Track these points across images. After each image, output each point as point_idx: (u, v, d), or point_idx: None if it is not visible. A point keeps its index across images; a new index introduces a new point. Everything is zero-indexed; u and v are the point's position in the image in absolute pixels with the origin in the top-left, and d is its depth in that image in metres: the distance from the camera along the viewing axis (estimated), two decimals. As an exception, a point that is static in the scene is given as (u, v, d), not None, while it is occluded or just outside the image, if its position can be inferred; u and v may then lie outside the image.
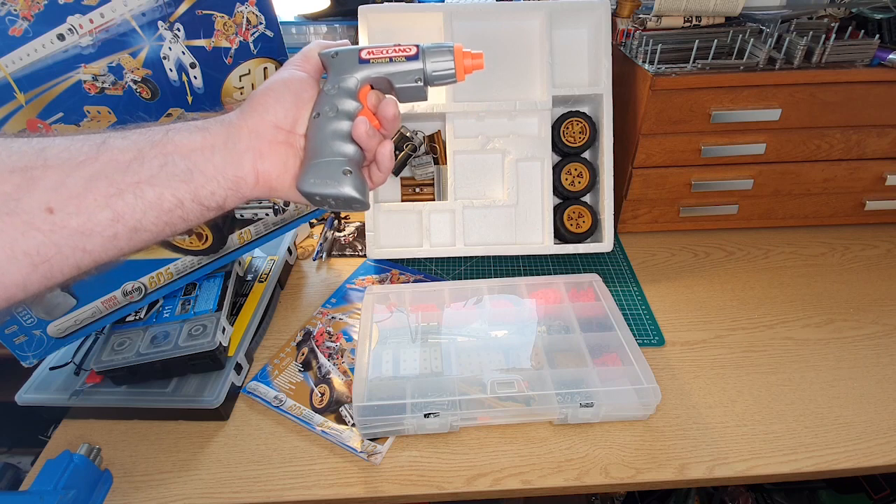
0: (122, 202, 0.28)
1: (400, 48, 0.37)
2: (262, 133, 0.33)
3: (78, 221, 0.27)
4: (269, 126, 0.33)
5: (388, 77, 0.37)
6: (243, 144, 0.32)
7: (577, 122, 0.82)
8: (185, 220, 0.31)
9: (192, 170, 0.31)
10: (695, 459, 0.55)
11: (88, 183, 0.27)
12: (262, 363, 0.67)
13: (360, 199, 0.36)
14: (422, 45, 0.38)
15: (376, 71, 0.36)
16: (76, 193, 0.27)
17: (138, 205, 0.28)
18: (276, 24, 0.64)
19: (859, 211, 0.86)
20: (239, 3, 0.60)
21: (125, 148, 0.29)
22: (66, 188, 0.26)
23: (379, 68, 0.37)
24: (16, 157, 0.26)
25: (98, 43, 0.55)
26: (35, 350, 0.58)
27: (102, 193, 0.27)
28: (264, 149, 0.33)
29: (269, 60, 0.65)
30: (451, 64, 0.37)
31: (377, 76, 0.37)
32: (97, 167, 0.28)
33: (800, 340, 0.69)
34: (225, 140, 0.32)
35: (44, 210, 0.26)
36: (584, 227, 0.82)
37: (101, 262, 0.29)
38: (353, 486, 0.54)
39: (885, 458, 0.55)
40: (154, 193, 0.29)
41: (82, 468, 0.52)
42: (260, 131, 0.33)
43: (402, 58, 0.37)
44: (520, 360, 0.63)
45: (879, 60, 0.74)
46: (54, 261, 0.27)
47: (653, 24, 0.80)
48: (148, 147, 0.30)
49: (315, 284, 0.81)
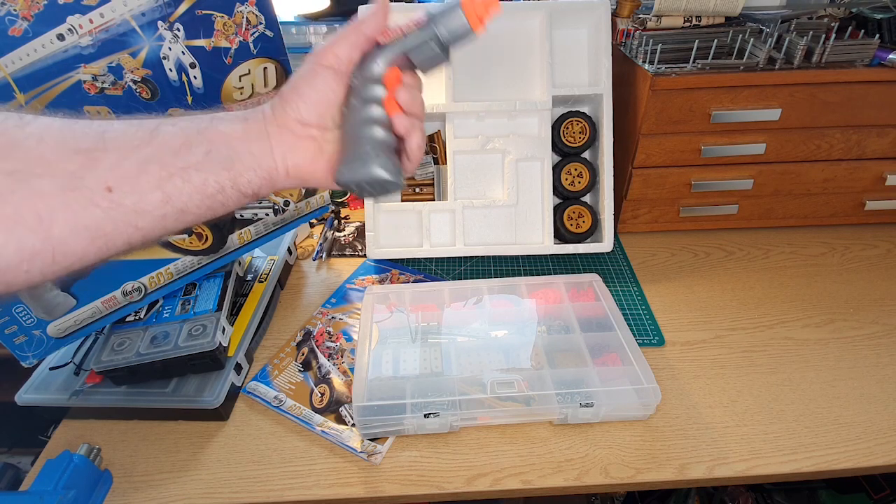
0: (172, 185, 0.30)
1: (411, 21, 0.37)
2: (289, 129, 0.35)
3: (132, 200, 0.29)
4: (294, 122, 0.35)
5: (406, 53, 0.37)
6: (274, 139, 0.34)
7: (577, 122, 0.82)
8: (224, 204, 0.33)
9: (233, 158, 0.32)
10: (695, 459, 0.55)
11: (143, 165, 0.29)
12: (262, 363, 0.67)
13: (391, 179, 0.36)
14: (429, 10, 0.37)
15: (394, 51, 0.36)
16: (132, 175, 0.29)
17: (185, 188, 0.30)
18: (276, 24, 0.64)
19: (859, 211, 0.86)
20: (239, 3, 0.60)
21: (175, 134, 0.31)
22: (123, 169, 0.28)
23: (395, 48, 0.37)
24: (80, 138, 0.28)
25: (98, 43, 0.55)
26: (35, 350, 0.58)
27: (155, 176, 0.29)
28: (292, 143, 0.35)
29: (268, 60, 0.65)
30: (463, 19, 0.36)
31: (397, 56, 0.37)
32: (150, 151, 0.29)
33: (800, 340, 0.69)
34: (259, 132, 0.34)
35: (104, 188, 0.28)
36: (584, 227, 0.82)
37: (149, 240, 0.31)
38: (353, 486, 0.54)
39: (885, 458, 0.55)
40: (200, 178, 0.31)
41: (82, 468, 0.52)
42: (288, 127, 0.35)
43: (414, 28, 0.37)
44: (520, 360, 0.63)
45: (879, 60, 0.74)
46: (110, 236, 0.29)
47: (653, 24, 0.80)
48: (195, 134, 0.31)
49: (315, 284, 0.81)
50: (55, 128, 0.28)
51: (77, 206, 0.27)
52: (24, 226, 0.26)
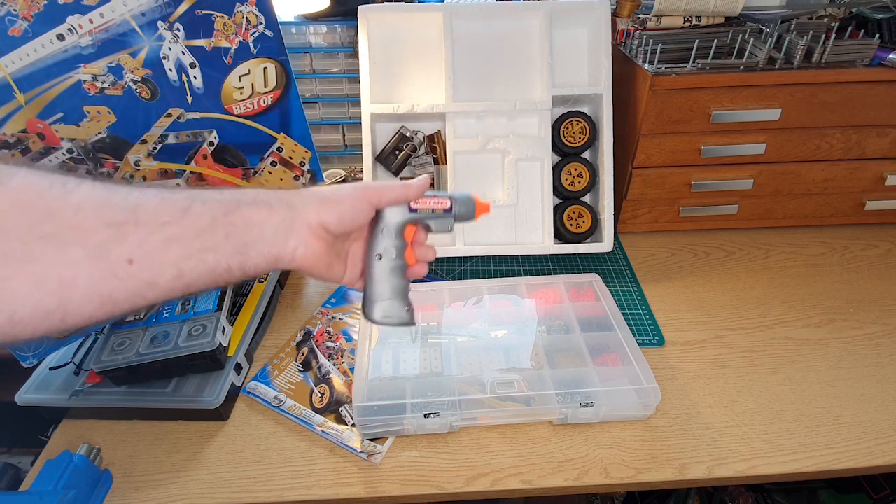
0: (187, 264, 0.32)
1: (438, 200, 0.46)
2: (311, 227, 0.38)
3: (149, 275, 0.31)
4: (318, 226, 0.38)
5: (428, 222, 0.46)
6: (293, 233, 0.37)
7: (577, 122, 0.82)
8: (226, 281, 0.35)
9: (249, 244, 0.35)
10: (695, 459, 0.55)
11: (167, 244, 0.31)
12: (262, 363, 0.67)
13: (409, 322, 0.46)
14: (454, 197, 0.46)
15: (420, 217, 0.45)
16: (155, 251, 0.31)
17: (198, 268, 0.32)
18: (276, 24, 0.64)
19: (859, 211, 0.86)
20: (239, 3, 0.60)
21: (203, 214, 0.33)
22: (148, 245, 0.30)
23: (423, 216, 0.45)
24: (114, 212, 0.30)
25: (98, 43, 0.55)
26: (35, 350, 0.58)
27: (175, 255, 0.31)
28: (308, 240, 0.37)
29: (268, 60, 0.65)
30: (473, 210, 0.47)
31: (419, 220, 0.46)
32: (177, 231, 0.31)
33: (800, 340, 0.69)
34: (282, 222, 0.36)
35: (126, 261, 0.30)
36: (584, 227, 0.82)
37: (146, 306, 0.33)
38: (353, 486, 0.54)
39: (885, 458, 0.55)
40: (213, 260, 0.33)
41: (82, 468, 0.52)
42: (311, 225, 0.38)
43: (441, 210, 0.46)
44: (520, 360, 0.63)
45: (879, 60, 0.74)
46: (118, 303, 0.30)
47: (653, 24, 0.80)
48: (221, 216, 0.34)
49: (315, 284, 0.81)
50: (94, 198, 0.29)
51: (98, 276, 0.29)
52: (46, 287, 0.27)
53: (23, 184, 0.28)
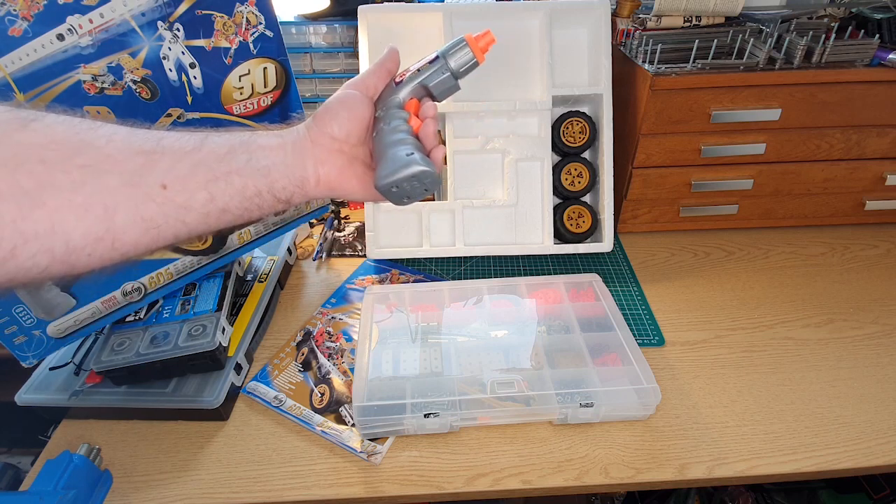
0: (216, 186, 0.35)
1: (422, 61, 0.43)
2: (321, 143, 0.40)
3: (183, 198, 0.33)
4: (326, 138, 0.40)
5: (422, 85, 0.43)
6: (307, 152, 0.39)
7: (577, 122, 0.82)
8: (260, 207, 0.38)
9: (270, 167, 0.37)
10: (695, 459, 0.55)
11: (193, 168, 0.34)
12: (261, 363, 0.67)
13: (430, 170, 0.39)
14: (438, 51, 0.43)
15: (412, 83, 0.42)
16: (183, 175, 0.33)
17: (227, 190, 0.35)
18: (276, 24, 0.63)
19: (859, 211, 0.86)
20: (238, 2, 0.60)
21: (221, 143, 0.36)
22: (177, 170, 0.33)
23: (412, 82, 0.43)
24: (141, 142, 0.32)
25: (97, 43, 0.55)
26: (35, 350, 0.58)
27: (202, 178, 0.34)
28: (323, 156, 0.40)
29: (268, 60, 0.65)
30: (469, 53, 0.43)
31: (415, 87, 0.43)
32: (200, 157, 0.34)
33: (800, 340, 0.69)
34: (293, 146, 0.39)
35: (160, 186, 0.32)
36: (584, 227, 0.82)
37: (193, 234, 0.35)
38: (353, 486, 0.54)
39: (885, 458, 0.55)
40: (240, 182, 0.36)
41: (82, 468, 0.52)
42: (320, 142, 0.40)
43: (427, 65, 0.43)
44: (520, 360, 0.63)
45: (879, 60, 0.74)
46: (161, 227, 0.33)
47: (653, 23, 0.80)
48: (238, 144, 0.37)
49: (315, 284, 0.81)
50: (121, 132, 0.32)
51: (137, 200, 0.31)
52: (92, 214, 0.30)
53: (56, 121, 0.30)
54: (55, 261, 0.29)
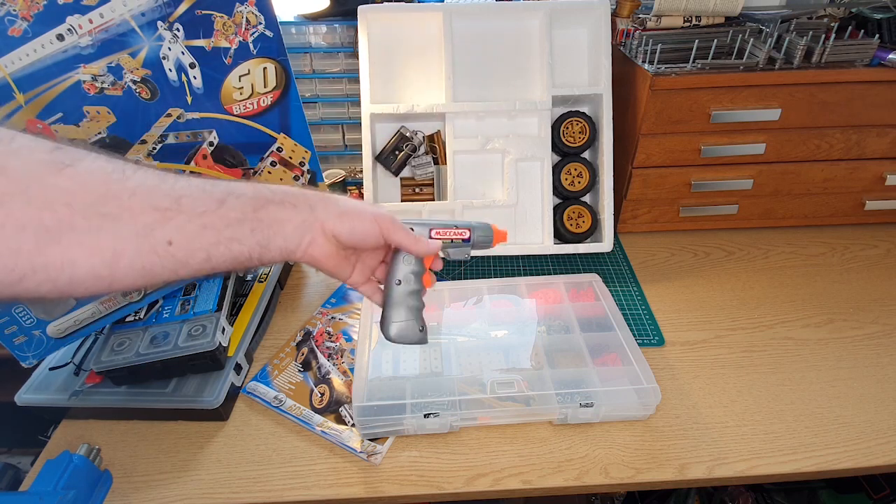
0: (216, 250, 0.37)
1: (457, 231, 0.48)
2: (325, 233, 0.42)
3: (183, 255, 0.35)
4: (332, 235, 0.42)
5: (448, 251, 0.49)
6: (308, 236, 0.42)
7: (577, 122, 0.82)
8: (242, 265, 0.40)
9: (270, 238, 0.39)
10: (695, 459, 0.55)
11: (202, 230, 0.36)
12: (261, 363, 0.67)
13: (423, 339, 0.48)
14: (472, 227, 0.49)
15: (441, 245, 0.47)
16: (191, 236, 0.35)
17: (225, 254, 0.37)
18: (276, 24, 0.63)
19: (859, 211, 0.86)
20: (238, 3, 0.60)
21: (235, 207, 0.38)
22: (186, 231, 0.35)
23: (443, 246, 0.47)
24: (160, 199, 0.34)
25: (97, 43, 0.55)
26: (35, 350, 0.58)
27: (207, 241, 0.36)
28: (320, 244, 0.42)
29: (268, 60, 0.65)
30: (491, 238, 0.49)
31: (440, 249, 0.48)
32: (212, 220, 0.36)
33: (800, 340, 0.69)
34: (301, 222, 0.41)
35: (166, 241, 0.34)
36: (584, 227, 0.82)
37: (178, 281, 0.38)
38: (353, 486, 0.54)
39: (885, 458, 0.55)
40: (238, 248, 0.38)
41: (82, 468, 0.52)
42: (325, 231, 0.42)
43: (460, 240, 0.48)
44: (520, 360, 0.63)
45: (879, 60, 0.74)
46: (156, 276, 0.35)
47: (653, 23, 0.80)
48: (251, 212, 0.39)
49: (315, 284, 0.81)
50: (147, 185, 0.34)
51: (143, 251, 0.34)
52: (100, 257, 0.32)
53: (90, 168, 0.32)
54: (55, 290, 0.32)
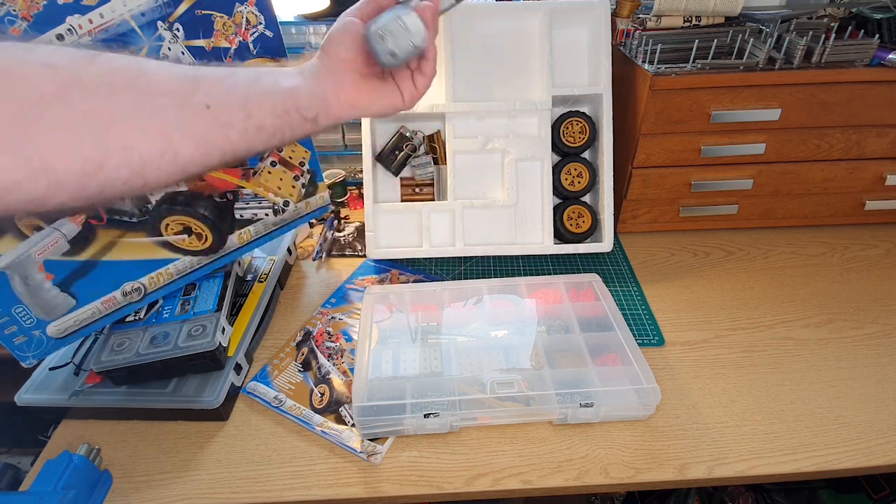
0: (251, 105, 0.40)
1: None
2: (334, 67, 0.46)
3: (224, 116, 0.38)
4: (337, 61, 0.45)
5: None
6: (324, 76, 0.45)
7: (577, 122, 0.82)
8: (292, 127, 0.43)
9: (294, 88, 0.43)
10: (695, 459, 0.55)
11: (230, 90, 0.39)
12: (261, 363, 0.67)
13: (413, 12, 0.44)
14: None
15: None
16: (223, 96, 0.38)
17: (261, 108, 0.40)
18: (276, 24, 0.63)
19: (859, 211, 0.86)
20: (238, 3, 0.60)
21: (249, 72, 0.41)
22: (216, 92, 0.38)
23: None
24: (184, 71, 0.38)
25: (97, 43, 0.55)
26: (35, 350, 0.58)
27: (238, 98, 0.39)
28: (339, 77, 0.46)
29: (268, 60, 0.65)
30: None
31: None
32: (234, 81, 0.40)
33: (800, 340, 0.69)
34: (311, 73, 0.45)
35: (204, 106, 0.37)
36: (584, 227, 0.82)
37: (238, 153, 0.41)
38: (353, 486, 0.54)
39: (885, 458, 0.55)
40: (270, 101, 0.41)
41: (82, 468, 0.52)
42: (333, 66, 0.46)
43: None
44: (520, 360, 0.63)
45: (879, 60, 0.74)
46: (210, 143, 0.38)
47: (652, 23, 0.80)
48: (263, 72, 0.42)
49: (315, 284, 0.81)
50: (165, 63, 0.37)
51: (187, 118, 0.36)
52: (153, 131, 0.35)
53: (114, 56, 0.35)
54: (133, 173, 0.34)
